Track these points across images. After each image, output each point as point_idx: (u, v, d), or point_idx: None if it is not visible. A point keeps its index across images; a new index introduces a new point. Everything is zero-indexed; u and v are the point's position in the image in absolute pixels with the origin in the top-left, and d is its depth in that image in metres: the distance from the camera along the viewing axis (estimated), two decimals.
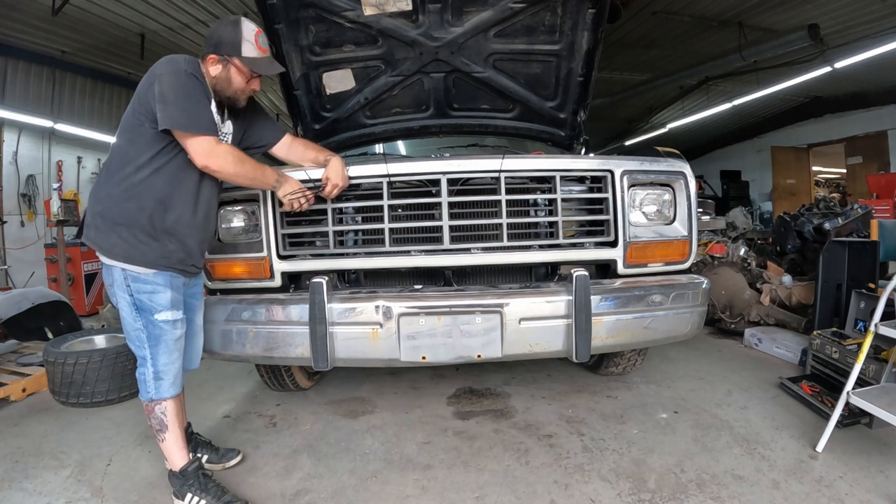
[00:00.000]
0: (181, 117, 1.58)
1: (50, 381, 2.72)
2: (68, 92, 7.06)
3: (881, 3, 5.58)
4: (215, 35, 1.71)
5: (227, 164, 1.64)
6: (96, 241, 1.67)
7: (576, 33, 2.59)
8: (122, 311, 1.71)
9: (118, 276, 1.67)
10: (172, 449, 1.74)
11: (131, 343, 1.74)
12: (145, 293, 1.66)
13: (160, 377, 1.70)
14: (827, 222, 4.30)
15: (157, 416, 1.72)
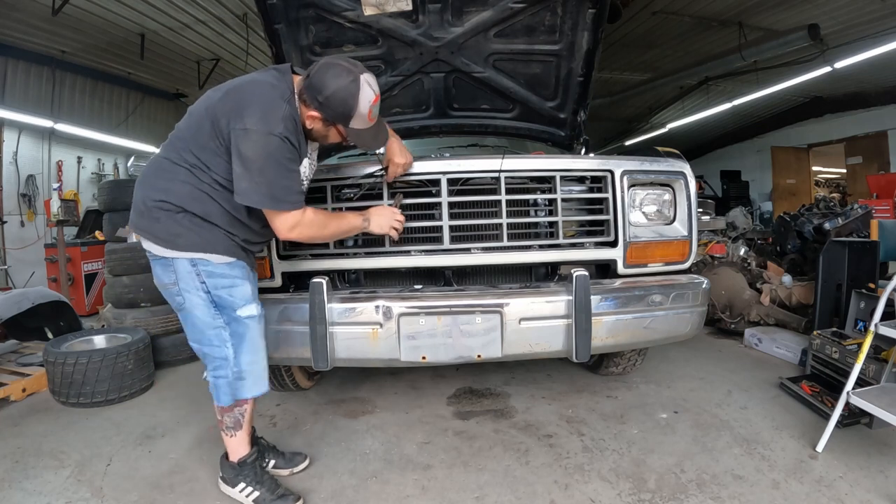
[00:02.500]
0: (264, 197, 1.45)
1: (50, 381, 2.72)
2: (68, 92, 7.06)
3: (881, 3, 5.58)
4: (327, 92, 1.46)
5: (311, 233, 1.57)
6: (152, 230, 1.53)
7: (576, 33, 2.59)
8: (195, 310, 1.57)
9: (185, 270, 1.53)
10: (239, 443, 1.71)
11: (206, 344, 1.60)
12: (224, 288, 1.56)
13: (242, 377, 1.62)
14: (827, 222, 4.30)
15: (235, 416, 1.67)
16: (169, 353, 3.34)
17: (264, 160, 1.42)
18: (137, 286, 3.45)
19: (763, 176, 11.56)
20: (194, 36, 6.58)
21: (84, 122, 7.16)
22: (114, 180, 5.35)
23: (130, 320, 3.35)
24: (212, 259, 1.54)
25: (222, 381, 1.63)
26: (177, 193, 1.51)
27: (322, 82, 1.47)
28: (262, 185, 1.43)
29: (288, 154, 1.46)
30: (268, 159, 1.42)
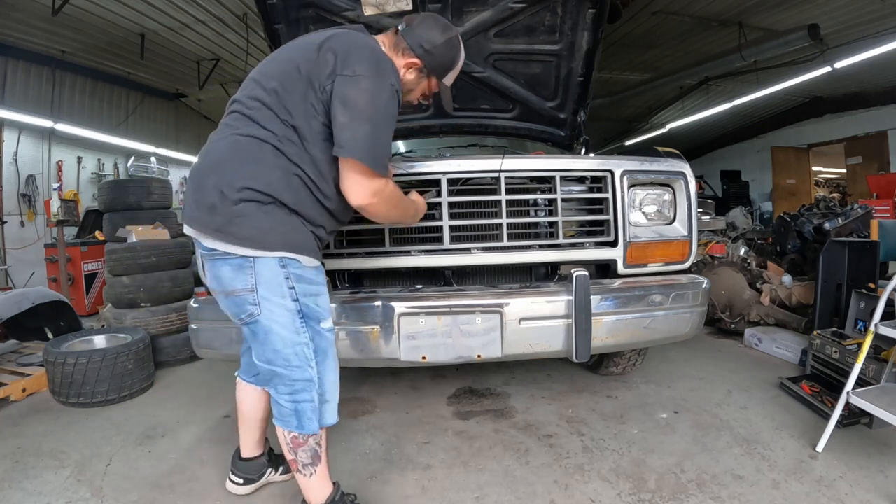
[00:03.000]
0: (367, 152, 1.27)
1: (50, 381, 2.72)
2: (68, 92, 7.07)
3: (881, 3, 5.58)
4: (436, 41, 1.42)
5: (386, 207, 1.40)
6: (230, 226, 1.27)
7: (576, 33, 2.59)
8: (274, 323, 1.32)
9: (271, 273, 1.30)
10: (319, 483, 1.46)
11: (283, 365, 1.35)
12: (311, 296, 1.36)
13: (326, 399, 1.42)
14: (827, 222, 4.30)
15: (312, 447, 1.42)
16: (169, 353, 3.34)
17: (374, 110, 1.27)
18: (137, 286, 3.45)
19: (763, 176, 11.56)
20: (194, 36, 6.58)
21: (84, 122, 7.16)
22: (114, 180, 5.35)
23: (130, 320, 3.35)
24: (302, 261, 1.35)
25: (307, 405, 1.38)
26: (267, 179, 1.28)
27: (431, 31, 1.43)
28: (368, 138, 1.26)
29: (394, 110, 1.34)
30: (377, 110, 1.28)
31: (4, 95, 6.12)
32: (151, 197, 3.88)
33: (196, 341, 2.00)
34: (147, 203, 3.85)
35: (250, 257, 1.30)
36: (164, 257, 3.55)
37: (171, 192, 4.16)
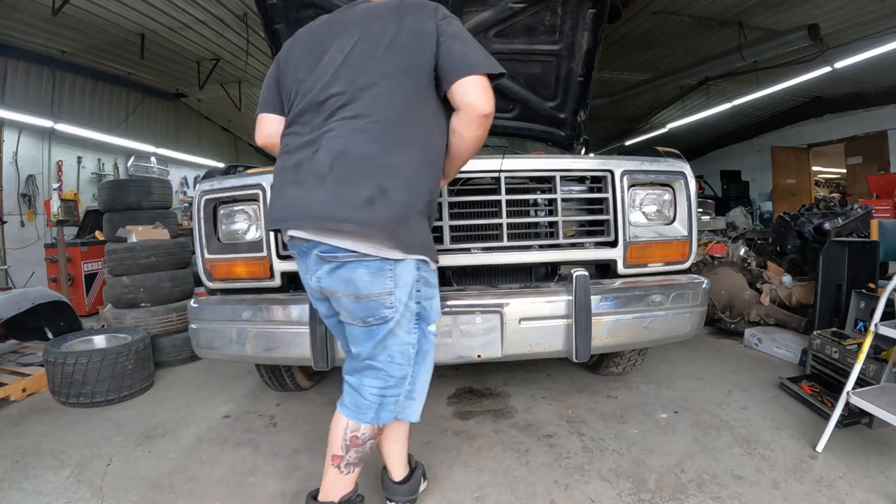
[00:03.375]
0: (491, 63, 1.26)
1: (50, 381, 2.72)
2: (68, 92, 7.06)
3: (881, 3, 5.58)
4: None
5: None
6: (387, 225, 1.22)
7: (576, 33, 2.59)
8: (401, 325, 1.31)
9: (410, 276, 1.29)
10: (348, 481, 1.47)
11: (385, 361, 1.34)
12: (429, 298, 1.37)
13: (414, 398, 1.42)
14: (827, 222, 4.30)
15: (364, 451, 1.42)
16: (169, 353, 3.34)
17: (469, 34, 1.33)
18: (137, 286, 3.45)
19: (763, 176, 11.56)
20: (194, 36, 6.58)
21: (84, 122, 7.15)
22: (114, 180, 5.34)
23: (130, 320, 3.35)
24: (431, 264, 1.34)
25: (391, 399, 1.38)
26: (412, 171, 1.25)
27: None
28: (483, 52, 1.27)
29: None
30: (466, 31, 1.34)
31: (4, 95, 6.11)
32: (151, 197, 3.88)
33: (196, 341, 2.00)
34: (147, 203, 3.85)
35: (391, 260, 1.26)
36: (164, 257, 3.55)
37: (171, 192, 4.16)
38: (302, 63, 1.40)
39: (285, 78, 1.45)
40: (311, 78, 1.35)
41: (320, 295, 1.43)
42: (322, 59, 1.34)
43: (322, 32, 1.41)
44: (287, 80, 1.43)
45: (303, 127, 1.34)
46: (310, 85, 1.34)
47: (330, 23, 1.42)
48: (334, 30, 1.38)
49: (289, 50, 1.47)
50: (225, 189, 1.95)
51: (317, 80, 1.33)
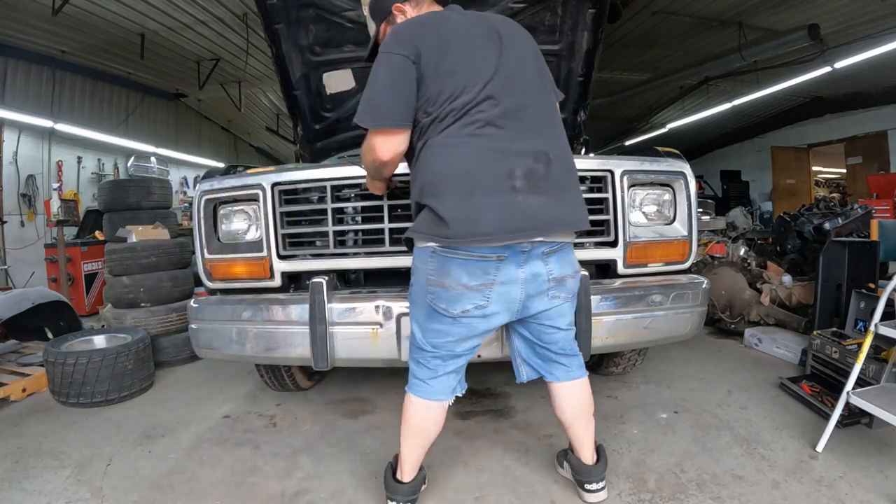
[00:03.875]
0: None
1: (50, 381, 2.72)
2: (68, 92, 7.07)
3: (881, 3, 5.58)
4: None
5: None
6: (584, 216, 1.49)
7: (576, 33, 2.59)
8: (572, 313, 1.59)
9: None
10: None
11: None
12: None
13: None
14: (827, 222, 4.30)
15: None
16: (169, 353, 3.34)
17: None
18: (137, 286, 3.45)
19: (763, 176, 11.56)
20: (194, 36, 6.58)
21: (84, 122, 7.16)
22: (114, 180, 5.35)
23: (130, 320, 3.35)
24: None
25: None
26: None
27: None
28: None
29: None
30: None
31: (4, 95, 6.12)
32: (151, 197, 3.89)
33: (196, 341, 2.00)
34: (147, 203, 3.86)
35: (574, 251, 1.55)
36: (164, 257, 3.55)
37: (171, 192, 4.17)
38: (476, 62, 1.39)
39: (441, 76, 1.37)
40: (501, 81, 1.38)
41: (543, 292, 1.47)
42: (501, 63, 1.40)
43: (481, 34, 1.44)
44: (450, 78, 1.36)
45: (504, 132, 1.37)
46: (501, 87, 1.38)
47: (482, 26, 1.46)
48: (494, 37, 1.44)
49: (443, 44, 1.39)
50: (225, 189, 1.95)
51: (511, 84, 1.40)
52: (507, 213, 1.33)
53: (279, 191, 1.91)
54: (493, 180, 1.33)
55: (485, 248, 1.35)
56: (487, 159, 1.34)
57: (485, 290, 1.40)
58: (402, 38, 1.38)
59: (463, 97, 1.35)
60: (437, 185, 1.35)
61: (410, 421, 1.57)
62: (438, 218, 1.33)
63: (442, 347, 1.49)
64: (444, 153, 1.35)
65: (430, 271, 1.41)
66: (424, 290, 1.45)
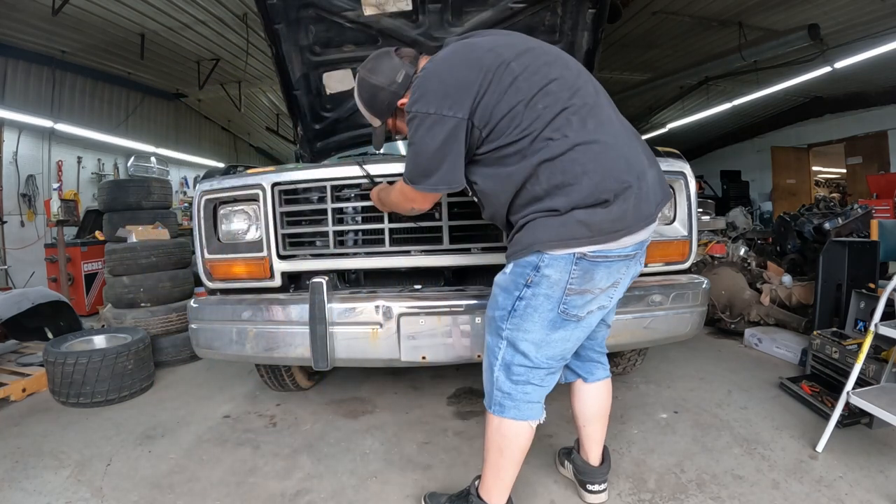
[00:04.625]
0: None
1: (50, 381, 2.72)
2: (68, 92, 7.07)
3: (881, 3, 5.58)
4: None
5: None
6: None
7: (576, 33, 2.59)
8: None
9: None
10: None
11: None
12: None
13: None
14: (827, 222, 4.30)
15: None
16: (169, 353, 3.34)
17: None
18: (137, 286, 3.45)
19: (763, 176, 11.56)
20: (194, 36, 6.58)
21: (84, 122, 7.16)
22: (114, 180, 5.34)
23: (130, 320, 3.35)
24: None
25: None
26: None
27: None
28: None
29: None
30: None
31: (4, 95, 6.12)
32: (151, 197, 3.88)
33: (196, 341, 2.00)
34: (147, 203, 3.85)
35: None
36: (164, 257, 3.55)
37: (171, 192, 4.16)
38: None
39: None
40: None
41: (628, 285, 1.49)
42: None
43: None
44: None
45: (593, 118, 1.38)
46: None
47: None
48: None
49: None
50: (225, 189, 1.95)
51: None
52: (655, 187, 1.37)
53: (279, 191, 1.91)
54: (638, 158, 1.37)
55: (630, 247, 1.35)
56: (624, 138, 1.38)
57: (612, 290, 1.41)
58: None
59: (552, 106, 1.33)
60: (607, 175, 1.29)
61: (519, 447, 1.51)
62: (597, 220, 1.28)
63: (557, 357, 1.44)
64: (593, 143, 1.30)
65: (573, 280, 1.33)
66: (556, 302, 1.35)
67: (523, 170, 1.31)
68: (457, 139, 1.33)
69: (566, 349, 1.44)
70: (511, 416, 1.46)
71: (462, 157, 1.36)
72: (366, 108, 1.55)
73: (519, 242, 1.36)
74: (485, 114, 1.31)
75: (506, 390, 1.44)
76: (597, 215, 1.28)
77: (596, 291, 1.37)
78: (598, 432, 1.69)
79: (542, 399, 1.48)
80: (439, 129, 1.32)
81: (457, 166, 1.37)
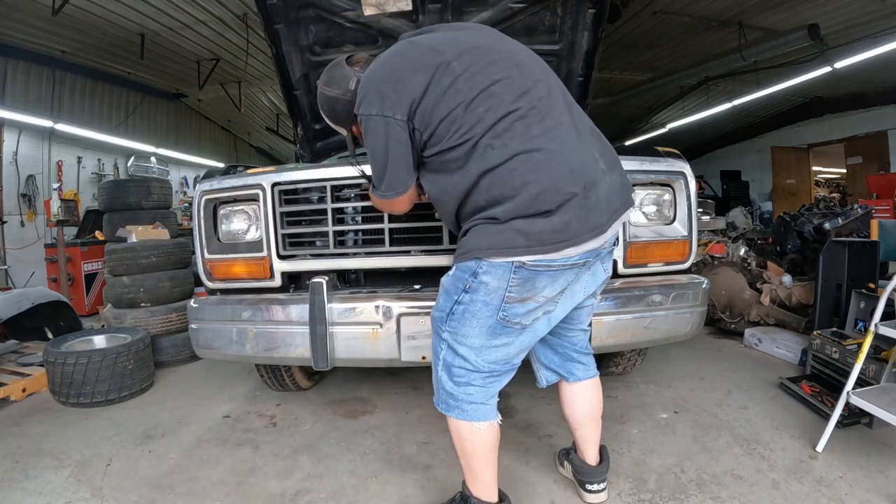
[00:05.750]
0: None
1: (50, 381, 2.72)
2: (68, 92, 7.07)
3: (881, 3, 5.58)
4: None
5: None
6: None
7: (576, 33, 2.59)
8: None
9: None
10: None
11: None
12: None
13: None
14: (827, 222, 4.30)
15: None
16: (169, 353, 3.34)
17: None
18: (137, 286, 3.45)
19: (763, 176, 11.56)
20: (194, 36, 6.58)
21: (84, 122, 7.16)
22: (114, 180, 5.35)
23: (130, 320, 3.35)
24: None
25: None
26: None
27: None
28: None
29: None
30: None
31: (4, 95, 6.12)
32: (151, 197, 3.88)
33: (196, 341, 2.00)
34: (147, 203, 3.85)
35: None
36: (164, 257, 3.55)
37: (171, 192, 4.16)
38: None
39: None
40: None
41: (592, 293, 1.48)
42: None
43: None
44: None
45: (547, 120, 1.31)
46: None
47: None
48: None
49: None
50: (225, 189, 1.95)
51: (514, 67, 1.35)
52: (610, 196, 1.31)
53: (279, 191, 1.91)
54: (590, 167, 1.29)
55: (580, 255, 1.29)
56: (575, 146, 1.28)
57: (558, 297, 1.36)
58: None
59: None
60: (549, 185, 1.23)
61: (483, 446, 1.45)
62: (537, 230, 1.24)
63: (500, 362, 1.40)
64: (536, 152, 1.24)
65: (512, 289, 1.29)
66: (495, 309, 1.32)
67: (465, 180, 1.28)
68: (399, 141, 1.30)
69: (509, 354, 1.40)
70: (455, 415, 1.44)
71: (408, 160, 1.33)
72: (329, 119, 1.54)
73: (462, 246, 1.34)
74: (424, 116, 1.27)
75: (448, 390, 1.43)
76: (536, 225, 1.23)
77: (539, 300, 1.33)
78: (592, 433, 1.68)
79: (488, 400, 1.43)
80: (381, 130, 1.29)
81: (400, 170, 1.34)
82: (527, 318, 1.35)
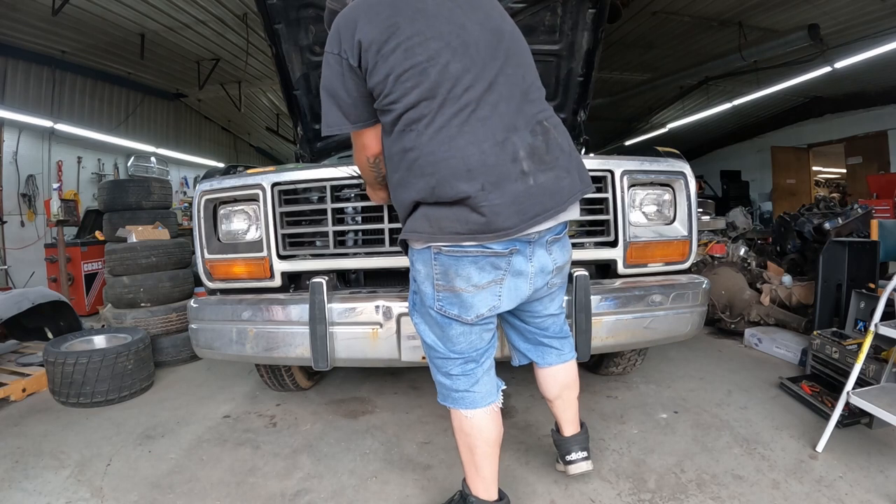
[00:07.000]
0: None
1: (50, 381, 2.72)
2: (68, 92, 7.07)
3: (881, 3, 5.58)
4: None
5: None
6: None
7: (576, 33, 2.59)
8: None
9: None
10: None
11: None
12: None
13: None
14: (827, 222, 4.29)
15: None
16: (169, 353, 3.34)
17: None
18: (137, 286, 3.45)
19: (763, 176, 11.56)
20: (194, 36, 6.58)
21: (84, 122, 7.16)
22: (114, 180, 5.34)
23: (130, 320, 3.36)
24: None
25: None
26: None
27: None
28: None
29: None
30: None
31: (4, 95, 6.12)
32: (151, 197, 3.88)
33: (196, 341, 2.00)
34: (147, 203, 3.85)
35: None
36: (164, 257, 3.55)
37: (171, 192, 4.16)
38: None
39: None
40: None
41: (545, 283, 1.44)
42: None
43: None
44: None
45: (489, 108, 1.26)
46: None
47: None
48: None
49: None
50: (225, 189, 1.95)
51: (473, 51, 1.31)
52: (524, 199, 1.24)
53: (279, 191, 1.91)
54: (499, 167, 1.23)
55: (499, 244, 1.27)
56: (488, 145, 1.23)
57: (495, 288, 1.32)
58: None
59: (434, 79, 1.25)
60: (442, 181, 1.21)
61: (478, 437, 1.42)
62: (437, 216, 1.25)
63: (468, 351, 1.38)
64: (440, 145, 1.22)
65: (437, 276, 1.30)
66: (433, 298, 1.33)
67: (388, 150, 1.32)
68: (340, 75, 1.30)
69: (472, 346, 1.38)
70: (449, 405, 1.45)
71: (347, 100, 1.32)
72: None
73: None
74: (366, 65, 1.25)
75: (437, 379, 1.47)
76: (437, 212, 1.25)
77: (470, 290, 1.29)
78: (568, 408, 1.69)
79: (472, 387, 1.41)
80: (336, 68, 1.30)
81: (334, 106, 1.36)
82: (468, 315, 1.33)
